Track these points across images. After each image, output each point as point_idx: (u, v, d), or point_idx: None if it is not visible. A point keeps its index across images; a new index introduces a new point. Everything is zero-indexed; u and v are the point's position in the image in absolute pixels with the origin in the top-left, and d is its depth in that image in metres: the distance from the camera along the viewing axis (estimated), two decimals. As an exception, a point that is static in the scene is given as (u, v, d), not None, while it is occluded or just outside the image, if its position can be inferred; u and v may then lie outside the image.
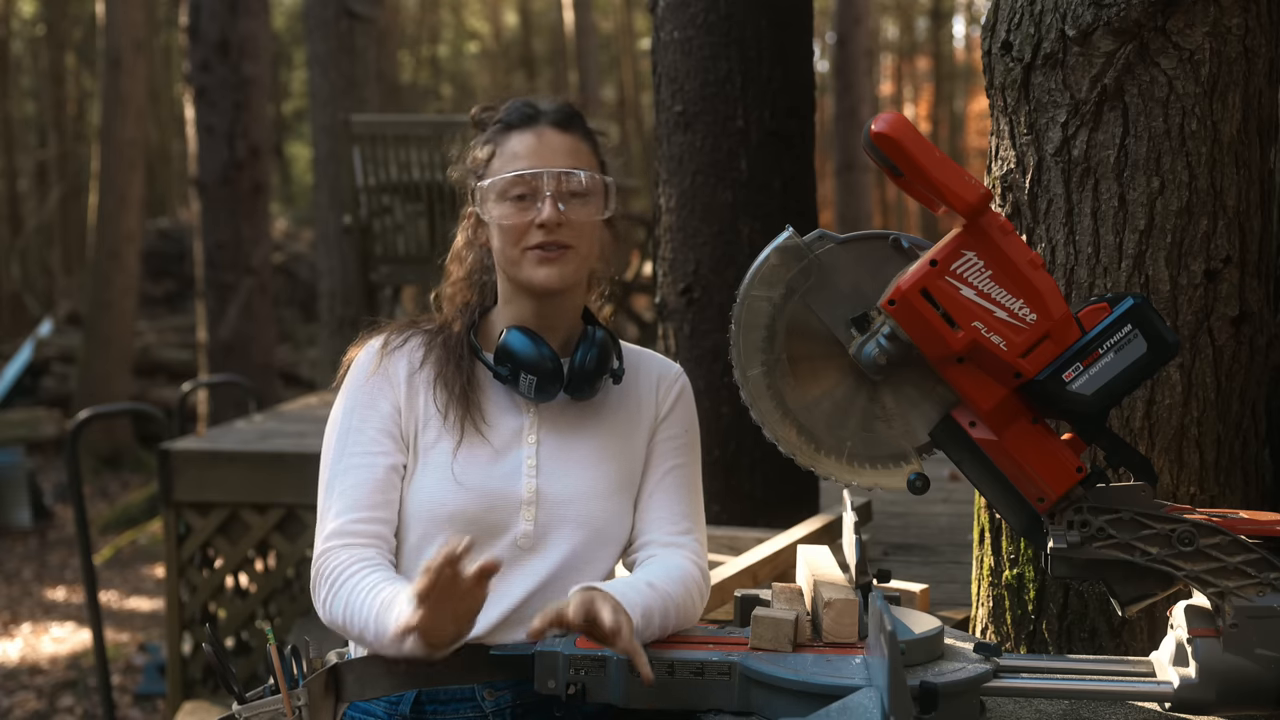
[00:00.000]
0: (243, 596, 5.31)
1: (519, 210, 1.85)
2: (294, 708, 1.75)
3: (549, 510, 1.86)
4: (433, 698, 1.82)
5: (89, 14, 19.46)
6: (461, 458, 1.85)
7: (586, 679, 1.70)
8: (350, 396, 1.90)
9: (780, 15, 3.52)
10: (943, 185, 1.62)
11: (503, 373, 1.87)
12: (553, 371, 1.85)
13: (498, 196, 1.87)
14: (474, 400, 1.88)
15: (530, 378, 1.85)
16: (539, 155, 1.86)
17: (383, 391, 1.88)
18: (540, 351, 1.85)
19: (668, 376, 2.00)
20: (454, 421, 1.86)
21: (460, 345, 1.91)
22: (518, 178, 1.85)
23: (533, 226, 1.85)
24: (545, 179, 1.85)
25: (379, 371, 1.90)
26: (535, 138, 1.88)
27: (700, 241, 3.50)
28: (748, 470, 3.47)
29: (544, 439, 1.89)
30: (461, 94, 27.18)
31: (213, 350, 9.91)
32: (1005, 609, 2.21)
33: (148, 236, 16.14)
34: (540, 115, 1.90)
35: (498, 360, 1.87)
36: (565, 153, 1.88)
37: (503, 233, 1.87)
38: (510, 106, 1.92)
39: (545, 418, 1.91)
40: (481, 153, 1.91)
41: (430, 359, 1.91)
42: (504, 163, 1.88)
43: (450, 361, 1.89)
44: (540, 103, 1.92)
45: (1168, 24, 2.03)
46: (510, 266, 1.88)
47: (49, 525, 10.86)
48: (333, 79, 9.41)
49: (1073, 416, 1.69)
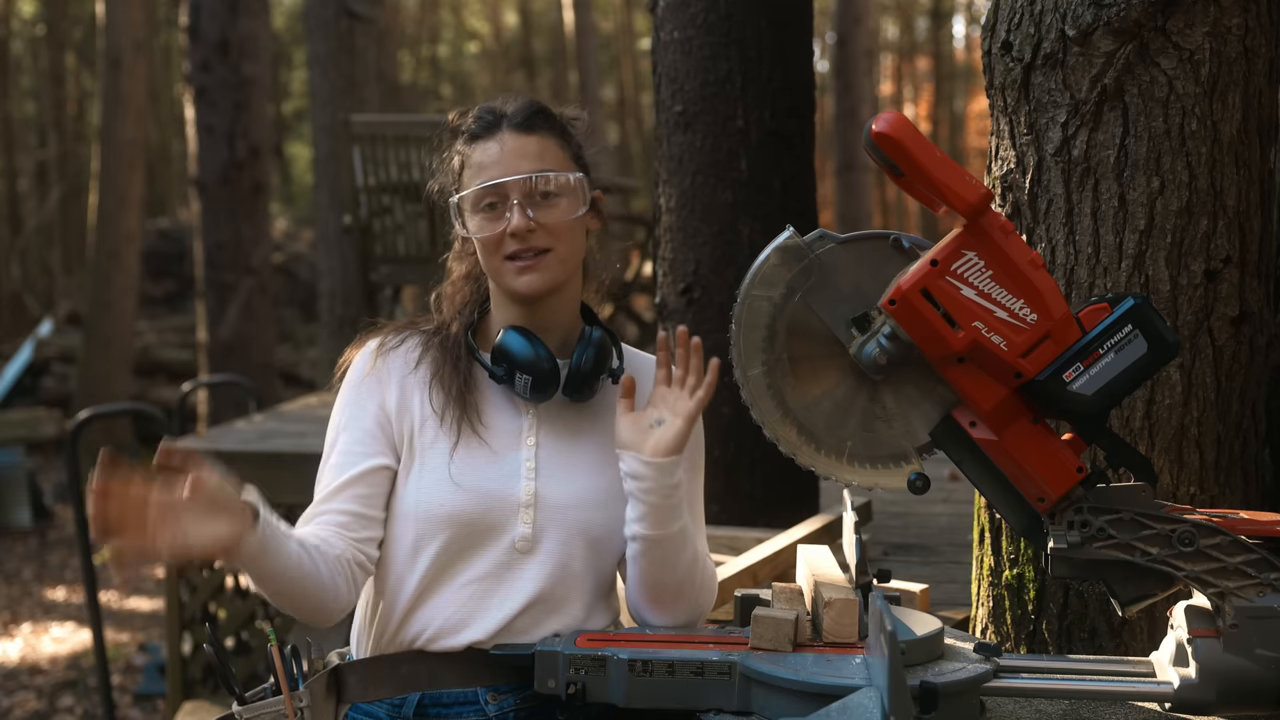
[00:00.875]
0: (243, 596, 5.30)
1: (491, 221, 1.85)
2: (296, 709, 1.75)
3: (547, 513, 1.85)
4: (436, 700, 1.81)
5: (89, 14, 19.45)
6: (459, 459, 1.84)
7: (586, 679, 1.71)
8: (345, 398, 1.91)
9: (780, 15, 3.52)
10: (943, 185, 1.62)
11: (499, 373, 1.86)
12: (549, 372, 1.85)
13: (470, 209, 1.87)
14: (471, 401, 1.87)
15: (526, 378, 1.84)
16: (502, 164, 1.85)
17: (374, 393, 1.88)
18: (537, 352, 1.84)
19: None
20: (451, 422, 1.86)
21: (457, 346, 1.91)
22: (485, 189, 1.85)
23: (505, 236, 1.84)
24: (510, 187, 1.84)
25: (373, 373, 1.90)
26: (498, 146, 1.86)
27: (700, 241, 3.50)
28: (748, 470, 3.47)
29: (543, 441, 1.89)
30: (461, 94, 27.18)
31: (213, 350, 9.91)
32: (1005, 609, 2.21)
33: (148, 236, 16.13)
34: (502, 120, 1.88)
35: (494, 360, 1.87)
36: (530, 156, 1.86)
37: (480, 245, 1.87)
38: (474, 115, 1.91)
39: (544, 419, 1.90)
40: (454, 164, 1.92)
41: (426, 359, 1.90)
42: (471, 175, 1.88)
43: (447, 362, 1.89)
44: (503, 106, 1.90)
45: (1168, 24, 2.03)
46: (495, 276, 1.88)
47: (49, 525, 10.85)
48: (333, 79, 9.40)
49: (1073, 416, 1.69)
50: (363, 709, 1.83)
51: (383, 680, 1.82)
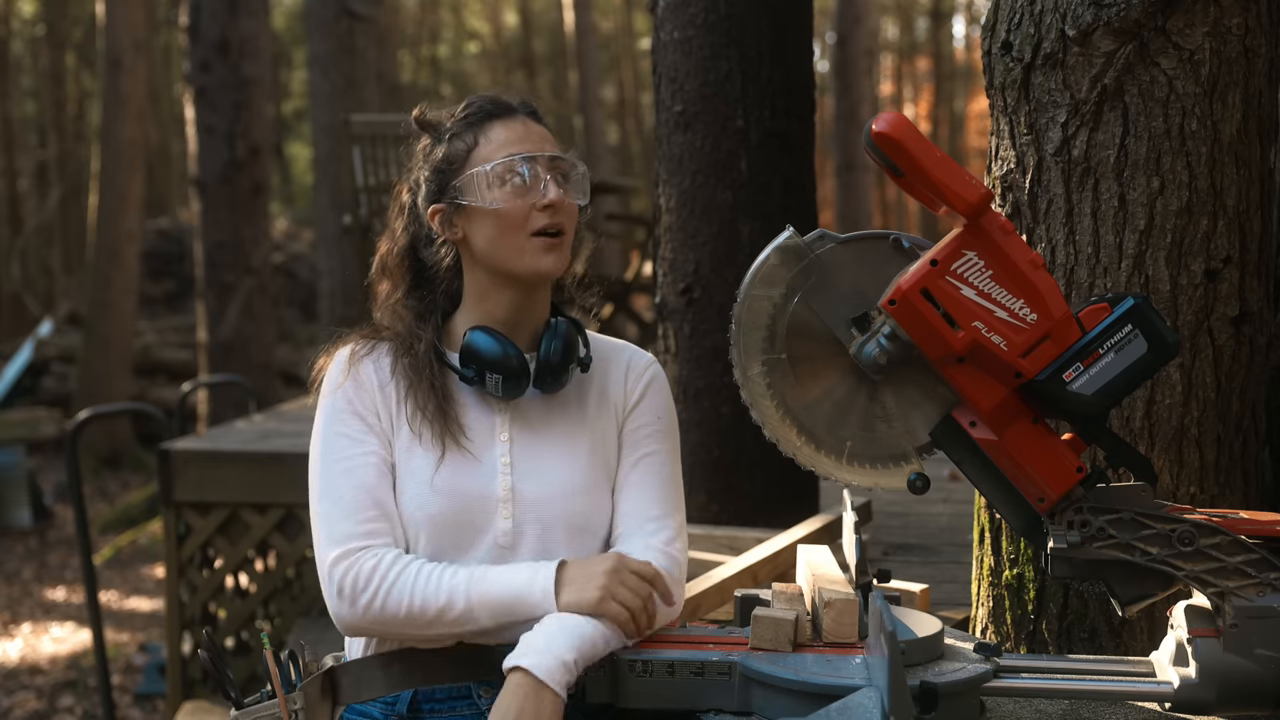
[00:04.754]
0: (243, 596, 5.30)
1: (519, 193, 1.84)
2: (290, 712, 1.75)
3: (525, 507, 1.84)
4: (429, 697, 1.81)
5: (89, 14, 19.45)
6: (435, 463, 1.84)
7: (587, 679, 1.71)
8: (329, 408, 1.87)
9: (780, 15, 3.53)
10: (943, 185, 1.62)
11: (468, 374, 1.85)
12: (519, 368, 1.84)
13: (493, 183, 1.84)
14: (451, 414, 1.86)
15: (496, 376, 1.83)
16: (530, 141, 1.86)
17: (359, 397, 1.87)
18: (505, 350, 1.84)
19: (637, 365, 1.96)
20: (431, 439, 1.84)
21: (429, 359, 1.87)
22: (516, 160, 1.84)
23: (534, 210, 1.83)
24: (541, 162, 1.85)
25: (351, 378, 1.88)
26: (521, 125, 1.88)
27: (700, 241, 3.50)
28: (748, 470, 3.47)
29: (516, 436, 1.88)
30: (461, 94, 27.07)
31: (213, 350, 9.91)
32: (1005, 609, 2.21)
33: (148, 236, 16.12)
34: (516, 107, 1.90)
35: (463, 362, 1.85)
36: (550, 141, 1.89)
37: (500, 219, 1.84)
38: (480, 100, 1.91)
39: (517, 415, 1.89)
40: (455, 146, 1.88)
41: (399, 371, 1.88)
42: (494, 149, 1.86)
43: (422, 381, 1.86)
44: (507, 97, 1.92)
45: (1168, 24, 2.03)
46: (509, 255, 1.85)
47: (49, 525, 10.85)
48: (333, 79, 9.41)
49: (1073, 416, 1.69)
50: (357, 709, 1.83)
51: (375, 679, 1.82)
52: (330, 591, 1.78)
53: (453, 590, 1.74)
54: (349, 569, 1.76)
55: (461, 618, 1.74)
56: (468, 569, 1.77)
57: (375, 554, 1.77)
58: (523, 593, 1.74)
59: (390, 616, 1.76)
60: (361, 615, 1.76)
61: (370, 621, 1.77)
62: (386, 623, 1.76)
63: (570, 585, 1.74)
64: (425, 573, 1.76)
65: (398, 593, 1.75)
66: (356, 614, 1.76)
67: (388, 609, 1.75)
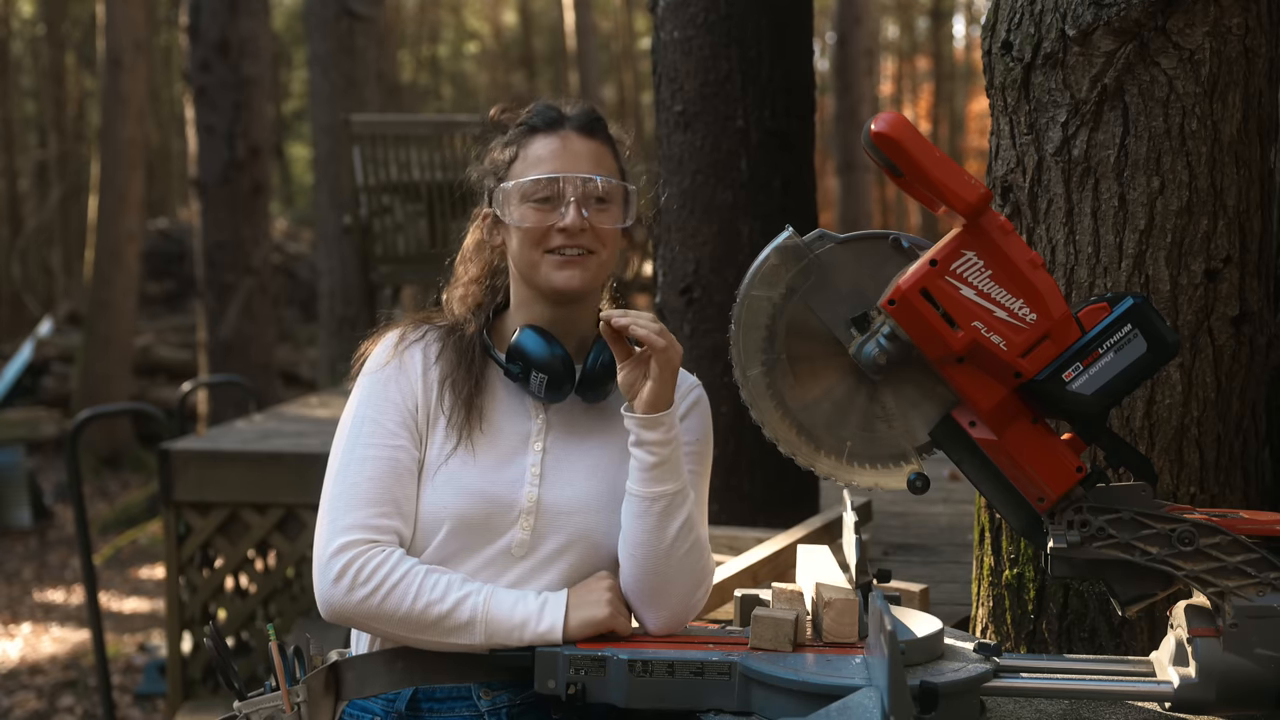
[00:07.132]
0: (243, 596, 5.31)
1: (540, 213, 1.85)
2: (293, 704, 1.76)
3: (546, 520, 1.84)
4: (429, 696, 1.82)
5: (89, 14, 19.46)
6: (465, 461, 1.84)
7: (586, 679, 1.71)
8: (367, 387, 1.88)
9: (780, 15, 3.53)
10: (943, 185, 1.62)
11: (514, 370, 1.86)
12: (564, 372, 1.84)
13: (520, 199, 1.86)
14: (478, 405, 1.87)
15: (541, 376, 1.84)
16: (562, 160, 1.86)
17: (399, 384, 1.87)
18: (553, 351, 1.84)
19: (681, 386, 1.93)
20: (457, 425, 1.85)
21: (472, 347, 1.90)
22: (541, 181, 1.85)
23: (553, 230, 1.84)
24: (568, 184, 1.84)
25: (395, 364, 1.88)
26: (560, 141, 1.87)
27: (700, 241, 3.50)
28: (748, 470, 3.47)
29: (551, 446, 1.88)
30: (461, 94, 27.18)
31: (213, 350, 9.92)
32: (1005, 609, 2.21)
33: (148, 236, 16.14)
34: (565, 120, 1.89)
35: (510, 359, 1.86)
36: (589, 158, 1.87)
37: (523, 235, 1.86)
38: (535, 109, 1.92)
39: (554, 423, 1.90)
40: (503, 154, 1.91)
41: (443, 358, 1.90)
42: (527, 166, 1.87)
43: (461, 365, 1.88)
44: (565, 107, 1.91)
45: (1168, 24, 2.03)
46: (529, 270, 1.87)
47: (49, 525, 10.86)
48: (333, 79, 9.42)
49: (1073, 416, 1.69)
50: (359, 704, 1.84)
51: (378, 676, 1.82)
52: (326, 574, 1.77)
53: (459, 602, 1.75)
54: (354, 559, 1.76)
55: (458, 630, 1.75)
56: (475, 584, 1.78)
57: (383, 550, 1.78)
58: (529, 620, 1.76)
59: (386, 614, 1.76)
60: (356, 606, 1.76)
61: (362, 614, 1.77)
62: (378, 619, 1.77)
63: (579, 608, 1.77)
64: (431, 580, 1.76)
65: (399, 594, 1.75)
66: (350, 603, 1.76)
67: (385, 607, 1.75)
